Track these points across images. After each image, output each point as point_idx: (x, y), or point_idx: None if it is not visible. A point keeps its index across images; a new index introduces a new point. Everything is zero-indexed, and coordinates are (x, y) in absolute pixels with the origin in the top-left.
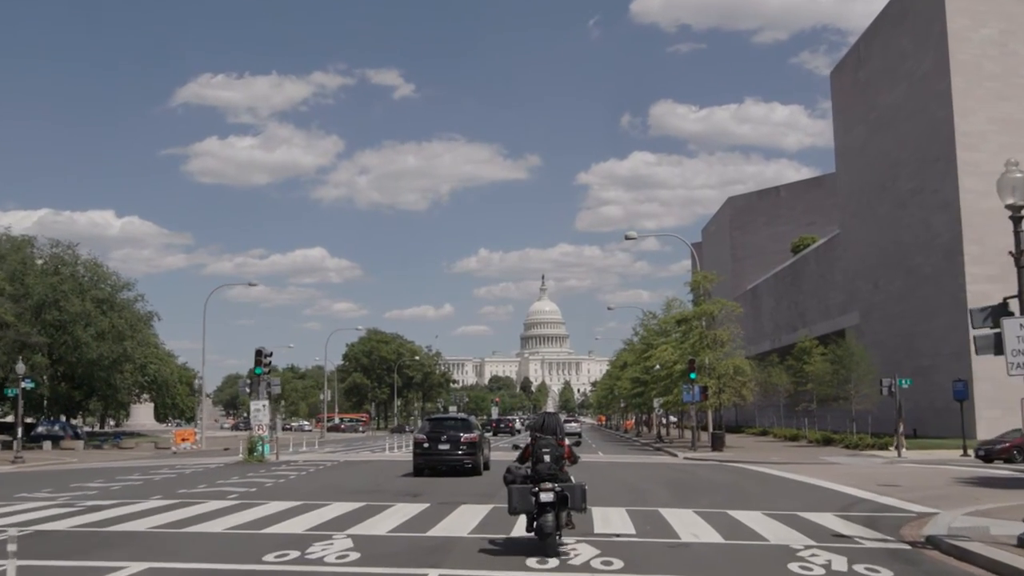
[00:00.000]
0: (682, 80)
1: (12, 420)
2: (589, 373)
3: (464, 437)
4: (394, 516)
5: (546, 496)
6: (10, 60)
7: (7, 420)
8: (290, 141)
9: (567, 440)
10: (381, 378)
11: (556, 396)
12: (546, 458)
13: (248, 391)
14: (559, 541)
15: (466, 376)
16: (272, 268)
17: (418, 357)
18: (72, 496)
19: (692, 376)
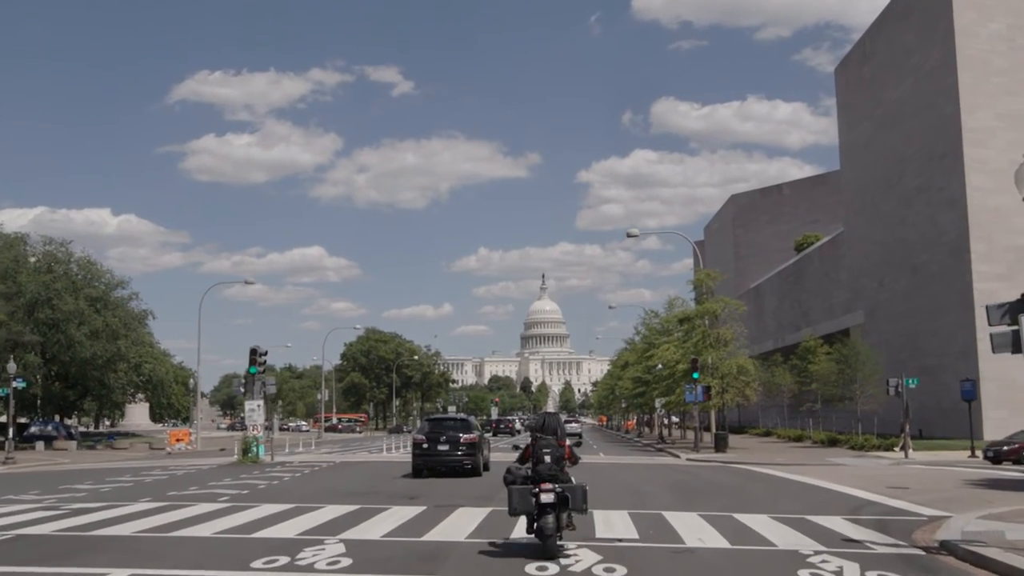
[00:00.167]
0: (684, 77)
1: (4, 420)
2: (590, 373)
3: (464, 438)
4: (389, 519)
5: (547, 497)
6: (5, 58)
7: (0, 420)
8: (288, 139)
9: (568, 441)
10: (379, 378)
11: (556, 396)
12: (547, 459)
13: (242, 391)
14: (560, 543)
15: (465, 376)
16: (270, 267)
17: (417, 357)
18: (59, 498)
19: (695, 376)
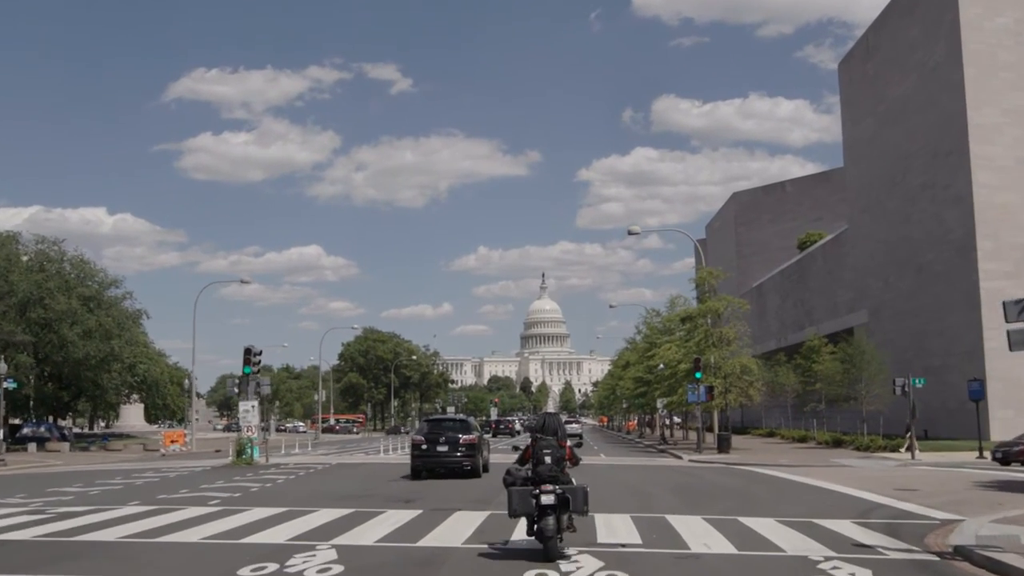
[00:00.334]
0: (685, 74)
1: None
2: (590, 373)
3: (463, 438)
4: (384, 524)
5: (547, 498)
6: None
7: None
8: (285, 137)
9: (568, 442)
10: (378, 378)
11: (557, 396)
12: (547, 460)
13: (237, 391)
14: (560, 545)
15: (465, 376)
16: (267, 266)
17: (415, 357)
18: (46, 502)
19: (697, 375)
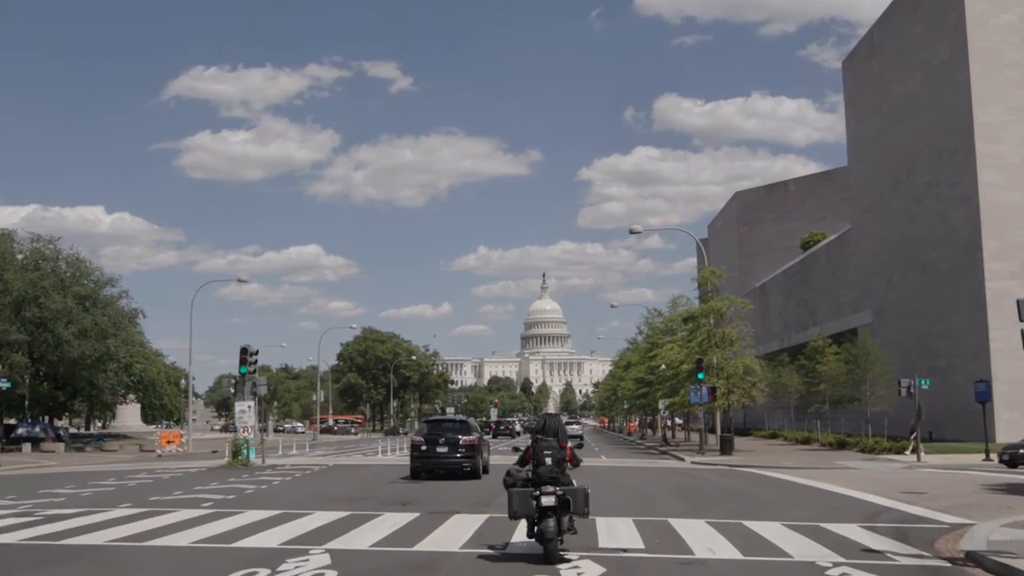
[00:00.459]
0: (687, 73)
1: None
2: (591, 374)
3: (463, 440)
4: (380, 527)
5: (547, 500)
6: None
7: None
8: (284, 135)
9: (569, 443)
10: (377, 378)
11: (557, 397)
12: (547, 461)
13: (233, 392)
14: (561, 548)
15: (465, 377)
16: (266, 265)
17: (415, 357)
18: (36, 503)
19: (700, 376)
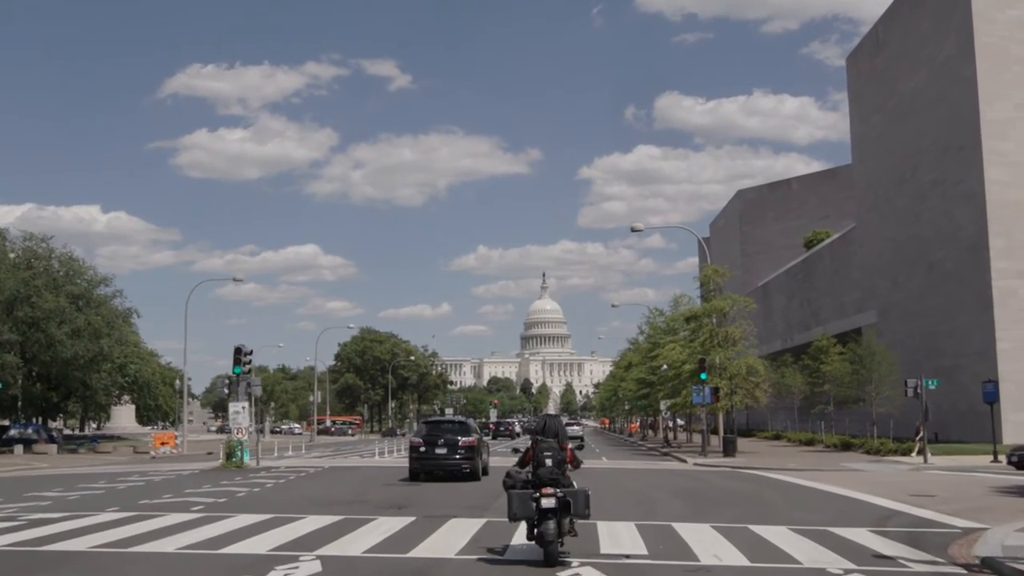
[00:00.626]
0: (688, 71)
1: None
2: (592, 374)
3: (462, 441)
4: (374, 532)
5: (548, 502)
6: None
7: None
8: (282, 134)
9: (569, 444)
10: (375, 379)
11: (557, 398)
12: (548, 462)
13: (227, 392)
14: (561, 551)
15: (464, 377)
16: (263, 265)
17: (413, 357)
18: (22, 507)
19: (703, 376)
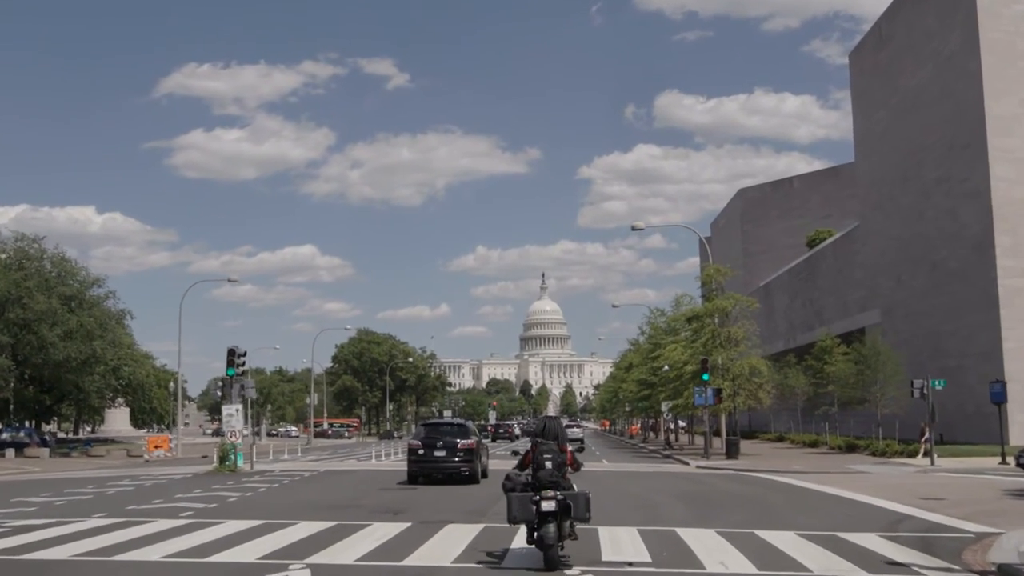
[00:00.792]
0: (689, 70)
1: None
2: (592, 376)
3: (461, 443)
4: (368, 539)
5: (548, 505)
6: None
7: None
8: (279, 134)
9: (570, 446)
10: (373, 381)
11: (557, 400)
12: (547, 465)
13: (220, 395)
14: (561, 554)
15: (463, 379)
16: (260, 266)
17: (412, 359)
18: (6, 513)
19: (705, 377)
